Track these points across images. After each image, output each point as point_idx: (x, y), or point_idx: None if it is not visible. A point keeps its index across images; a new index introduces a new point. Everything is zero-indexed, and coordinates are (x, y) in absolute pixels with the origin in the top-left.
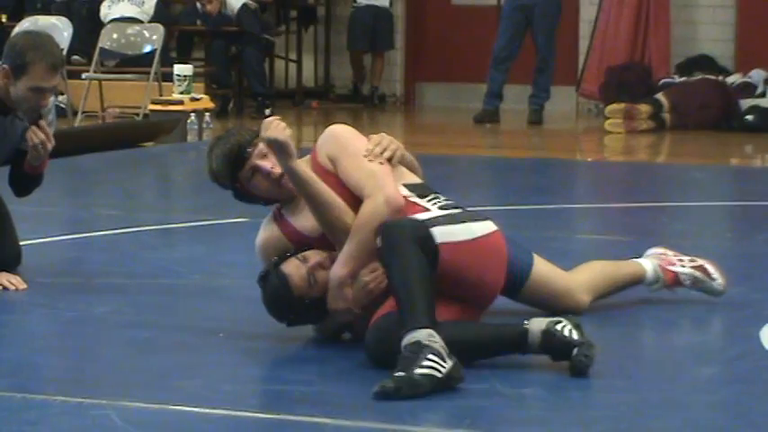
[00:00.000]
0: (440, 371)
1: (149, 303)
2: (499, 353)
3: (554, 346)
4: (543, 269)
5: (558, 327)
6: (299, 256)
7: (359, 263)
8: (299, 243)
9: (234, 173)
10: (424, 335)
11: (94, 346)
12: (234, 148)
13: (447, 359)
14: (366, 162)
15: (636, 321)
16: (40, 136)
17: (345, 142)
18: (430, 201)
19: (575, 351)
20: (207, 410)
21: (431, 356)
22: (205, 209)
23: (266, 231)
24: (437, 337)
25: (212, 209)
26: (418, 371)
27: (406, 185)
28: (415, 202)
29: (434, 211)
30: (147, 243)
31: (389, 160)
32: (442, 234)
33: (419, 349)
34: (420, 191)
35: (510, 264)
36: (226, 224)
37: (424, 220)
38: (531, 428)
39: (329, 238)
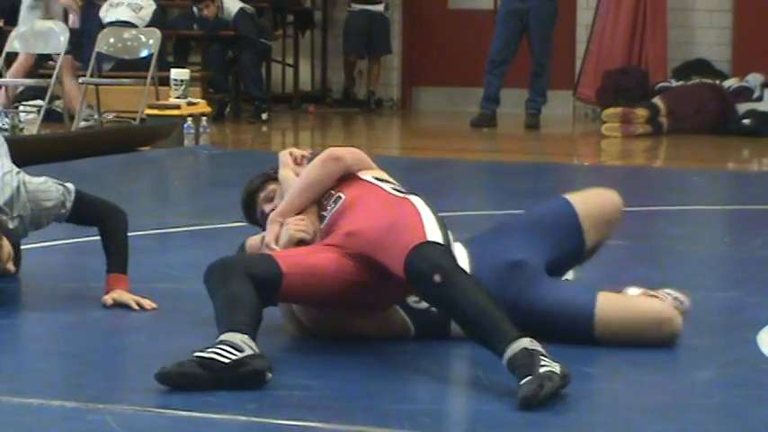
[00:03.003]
0: (555, 371)
1: None
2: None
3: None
4: (611, 299)
5: (538, 351)
6: None
7: (291, 204)
8: None
9: (250, 217)
10: (526, 341)
11: (92, 350)
12: (246, 196)
13: (554, 360)
14: None
15: None
16: None
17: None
18: (390, 186)
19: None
20: (204, 415)
21: (542, 359)
22: (203, 213)
23: (253, 238)
24: (536, 342)
25: (210, 213)
26: (542, 369)
27: (372, 176)
28: (379, 186)
29: (393, 190)
30: (145, 247)
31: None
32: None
33: (530, 353)
34: (382, 182)
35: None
36: (223, 228)
37: (440, 242)
38: None
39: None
